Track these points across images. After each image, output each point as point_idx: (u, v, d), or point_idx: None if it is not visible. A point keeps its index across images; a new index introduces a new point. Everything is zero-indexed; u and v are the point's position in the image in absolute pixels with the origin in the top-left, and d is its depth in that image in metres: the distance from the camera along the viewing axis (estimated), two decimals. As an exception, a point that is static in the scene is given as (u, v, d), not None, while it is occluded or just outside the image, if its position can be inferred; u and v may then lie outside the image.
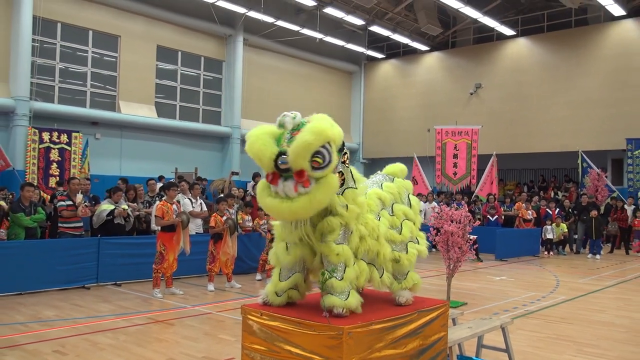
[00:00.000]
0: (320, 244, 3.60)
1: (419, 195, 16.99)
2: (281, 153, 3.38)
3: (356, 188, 3.73)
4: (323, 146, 3.36)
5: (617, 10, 20.45)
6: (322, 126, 3.39)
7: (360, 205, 3.72)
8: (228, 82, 22.63)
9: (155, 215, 8.71)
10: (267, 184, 3.50)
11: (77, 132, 16.40)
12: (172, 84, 21.24)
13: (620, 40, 21.44)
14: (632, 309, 8.24)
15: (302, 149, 3.31)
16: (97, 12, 18.75)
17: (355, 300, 3.57)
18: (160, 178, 15.75)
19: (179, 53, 21.36)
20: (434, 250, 13.82)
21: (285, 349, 3.47)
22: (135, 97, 19.76)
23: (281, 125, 3.55)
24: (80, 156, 16.16)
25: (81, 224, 9.60)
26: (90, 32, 18.78)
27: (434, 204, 15.85)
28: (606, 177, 19.83)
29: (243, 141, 23.57)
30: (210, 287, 9.15)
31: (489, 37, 24.83)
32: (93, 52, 18.90)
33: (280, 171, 3.39)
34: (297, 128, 3.48)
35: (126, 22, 19.51)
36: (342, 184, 3.60)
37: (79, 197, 9.47)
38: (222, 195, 11.88)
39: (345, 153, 3.69)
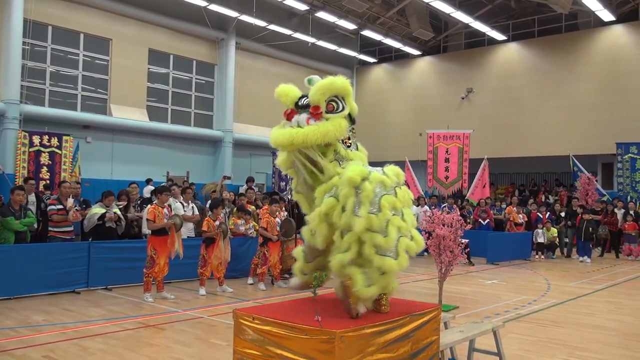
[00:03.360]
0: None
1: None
2: (303, 96, 3.97)
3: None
4: (339, 97, 3.92)
5: (607, 16, 20.65)
6: (344, 80, 3.97)
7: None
8: (220, 86, 22.61)
9: (147, 219, 8.67)
10: (281, 125, 3.94)
11: (68, 135, 16.31)
12: (164, 87, 21.19)
13: (610, 46, 21.64)
14: (623, 313, 8.29)
15: (325, 86, 3.85)
16: (89, 15, 18.69)
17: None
18: (148, 181, 15.68)
19: (171, 56, 21.32)
20: (425, 254, 13.84)
21: (277, 353, 3.47)
22: (127, 101, 19.69)
23: (309, 80, 4.08)
24: (70, 160, 16.06)
25: (71, 228, 9.53)
26: (82, 35, 18.72)
27: (426, 207, 15.88)
28: (596, 181, 19.97)
29: (235, 145, 23.77)
30: (202, 291, 9.11)
31: (480, 42, 24.98)
32: (84, 55, 18.83)
33: (298, 108, 3.91)
34: None
35: (118, 26, 19.46)
36: (349, 146, 4.04)
37: (70, 201, 9.41)
38: (215, 198, 11.84)
39: (353, 127, 4.21)
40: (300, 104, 3.91)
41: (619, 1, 21.13)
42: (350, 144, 4.09)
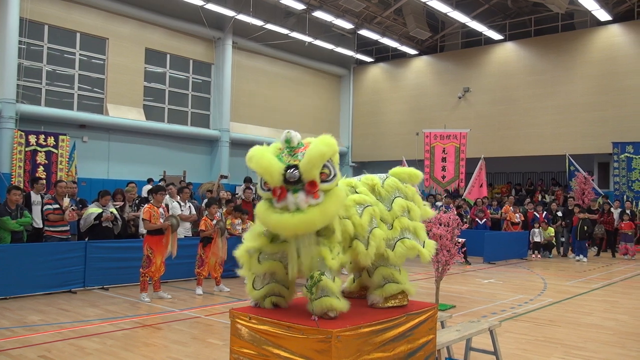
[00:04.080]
0: (311, 248, 3.57)
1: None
2: (289, 167, 3.47)
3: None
4: (329, 162, 3.53)
5: (603, 16, 20.70)
6: (331, 139, 3.57)
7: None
8: (217, 85, 22.59)
9: (143, 219, 8.66)
10: (269, 204, 3.55)
11: (64, 135, 16.27)
12: (160, 86, 21.16)
13: (607, 45, 21.69)
14: (619, 311, 8.31)
15: (317, 159, 3.45)
16: (85, 14, 18.64)
17: (346, 302, 3.63)
18: (149, 181, 15.67)
19: (168, 56, 21.28)
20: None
21: (274, 352, 3.47)
22: (124, 100, 19.65)
23: (288, 141, 3.63)
24: (67, 159, 16.02)
25: (68, 228, 9.51)
26: (78, 35, 18.67)
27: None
28: (593, 180, 20.01)
29: (232, 144, 23.72)
30: (199, 290, 9.10)
31: (477, 42, 25.01)
32: (81, 54, 18.78)
33: (289, 184, 3.45)
34: (298, 146, 3.61)
35: (114, 25, 19.42)
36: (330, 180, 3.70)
37: (66, 201, 9.39)
38: (211, 197, 11.83)
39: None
40: (289, 178, 3.46)
41: (615, 1, 21.18)
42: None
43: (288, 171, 3.46)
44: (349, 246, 3.78)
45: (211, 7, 20.15)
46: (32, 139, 15.49)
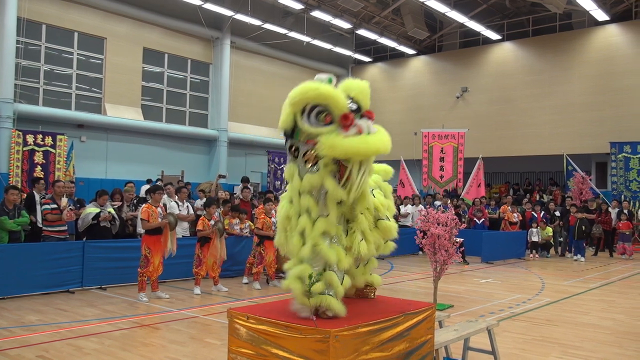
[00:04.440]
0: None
1: (405, 198, 17.05)
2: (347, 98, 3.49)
3: None
4: None
5: (601, 16, 20.74)
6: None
7: None
8: (215, 85, 22.58)
9: (141, 219, 8.66)
10: (336, 133, 3.39)
11: (62, 134, 16.23)
12: (158, 86, 21.15)
13: (604, 45, 21.73)
14: (616, 311, 8.33)
15: (366, 88, 3.57)
16: (83, 13, 18.63)
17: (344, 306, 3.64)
18: (149, 181, 15.67)
19: (166, 55, 21.27)
20: (420, 253, 13.88)
21: (272, 352, 3.47)
22: (122, 100, 19.64)
23: (330, 81, 3.58)
24: (65, 159, 15.99)
25: (65, 228, 9.50)
26: (76, 34, 18.65)
27: (421, 206, 15.91)
28: (590, 180, 20.04)
29: (230, 144, 23.69)
30: (197, 290, 9.10)
31: (474, 42, 25.04)
32: (78, 54, 18.76)
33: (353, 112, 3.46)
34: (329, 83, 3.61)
35: (112, 24, 19.40)
36: None
37: (64, 201, 9.38)
38: (209, 197, 11.83)
39: None
40: (350, 107, 3.46)
41: (613, 1, 21.22)
42: None
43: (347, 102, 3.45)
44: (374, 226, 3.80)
45: (209, 6, 20.14)
46: (30, 138, 15.46)
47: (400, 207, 16.15)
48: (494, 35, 23.69)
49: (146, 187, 14.32)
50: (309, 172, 3.51)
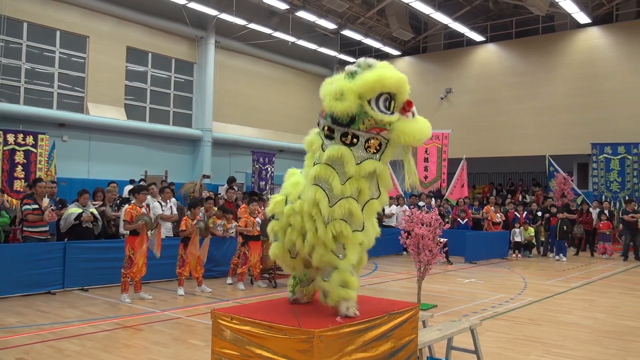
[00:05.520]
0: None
1: (390, 198, 17.08)
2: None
3: None
4: None
5: (583, 18, 20.99)
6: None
7: None
8: (199, 85, 22.46)
9: (124, 220, 8.58)
10: (403, 119, 3.54)
11: (44, 134, 15.97)
12: (142, 85, 20.98)
13: (586, 48, 22.01)
14: (597, 310, 8.44)
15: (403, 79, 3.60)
16: (65, 11, 18.41)
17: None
18: (132, 181, 15.53)
19: (149, 54, 21.11)
20: (404, 253, 13.93)
21: (256, 353, 3.45)
22: (104, 99, 19.45)
23: (370, 65, 3.65)
24: (46, 159, 15.77)
25: (47, 228, 9.38)
26: (58, 32, 18.43)
27: (405, 207, 15.97)
28: (572, 181, 20.28)
29: (214, 144, 23.54)
30: (180, 291, 9.04)
31: (459, 43, 25.20)
32: (60, 52, 18.55)
33: None
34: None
35: (95, 23, 19.21)
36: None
37: (45, 201, 9.25)
38: (194, 198, 11.77)
39: None
40: None
41: (595, 4, 21.50)
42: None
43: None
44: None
45: (193, 5, 20.02)
46: (11, 137, 15.20)
47: (384, 207, 16.17)
48: (477, 37, 23.87)
49: (129, 187, 14.20)
50: (371, 158, 3.60)
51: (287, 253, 3.93)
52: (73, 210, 9.49)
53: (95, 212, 9.80)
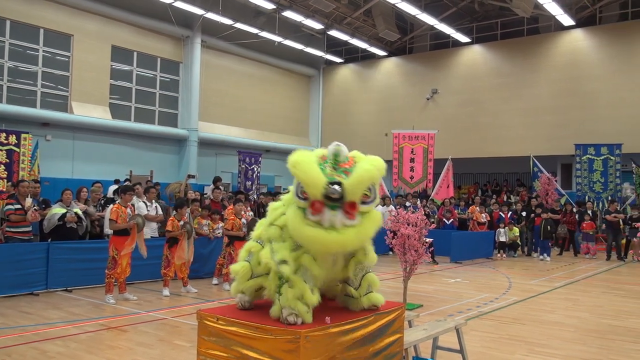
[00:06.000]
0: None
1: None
2: (332, 182, 3.32)
3: None
4: (372, 184, 3.47)
5: (567, 20, 21.21)
6: (381, 162, 3.50)
7: None
8: (185, 84, 22.35)
9: (110, 219, 8.50)
10: (302, 213, 3.40)
11: (27, 133, 15.76)
12: (127, 85, 20.82)
13: (570, 50, 22.25)
14: (580, 309, 8.53)
15: (366, 182, 3.36)
16: (49, 9, 18.22)
17: None
18: (116, 181, 15.42)
19: (135, 53, 20.96)
20: (390, 253, 13.96)
21: (242, 353, 3.45)
22: (89, 98, 19.27)
23: (336, 155, 3.50)
24: (29, 158, 15.58)
25: (30, 229, 9.27)
26: (42, 30, 18.23)
27: (392, 207, 16.02)
28: (556, 181, 20.48)
29: (200, 144, 23.44)
30: (166, 292, 8.98)
31: (445, 44, 25.34)
32: (44, 51, 18.35)
33: (328, 200, 3.32)
34: (343, 160, 3.50)
35: (80, 21, 19.03)
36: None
37: (28, 201, 9.14)
38: (180, 198, 11.71)
39: None
40: (330, 193, 3.29)
41: (579, 6, 21.73)
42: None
43: (331, 186, 3.29)
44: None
45: (179, 5, 19.91)
46: (-7, 137, 15.03)
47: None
48: (463, 38, 24.01)
49: (114, 187, 14.09)
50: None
51: (249, 273, 3.78)
52: (57, 210, 9.39)
53: (80, 212, 9.70)
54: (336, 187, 3.30)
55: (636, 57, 20.90)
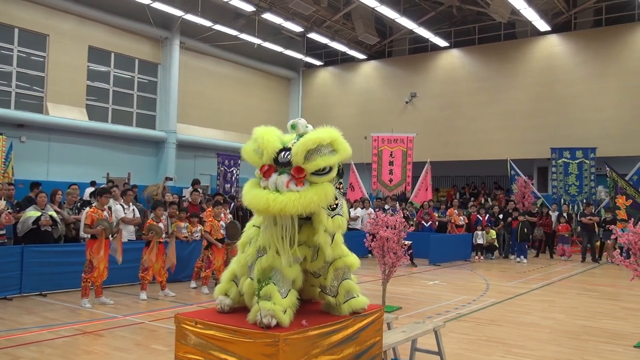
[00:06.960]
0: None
1: (355, 201, 17.17)
2: (285, 149, 3.43)
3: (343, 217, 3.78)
4: (329, 151, 3.43)
5: (543, 26, 21.55)
6: (334, 131, 3.49)
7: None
8: (163, 86, 22.16)
9: (85, 223, 8.37)
10: (257, 182, 3.49)
11: (1, 134, 15.53)
12: (104, 86, 20.58)
13: (546, 55, 22.61)
14: (556, 310, 8.65)
15: (309, 143, 3.36)
16: (24, 9, 17.92)
17: None
18: (92, 183, 15.20)
19: (112, 54, 20.72)
20: (369, 255, 14.01)
21: (220, 357, 3.42)
22: (65, 99, 19.00)
23: (293, 127, 3.63)
24: (3, 160, 15.31)
25: (3, 232, 9.10)
26: (16, 30, 17.93)
27: (371, 210, 16.07)
28: (532, 184, 20.77)
29: (179, 146, 23.24)
30: (143, 295, 8.87)
31: (423, 48, 25.55)
32: (19, 51, 18.04)
33: (278, 165, 3.40)
34: (303, 131, 3.61)
35: (56, 21, 18.76)
36: (334, 208, 3.65)
37: (2, 204, 8.99)
38: (157, 200, 11.58)
39: (341, 182, 3.76)
40: (280, 160, 3.39)
41: (554, 12, 22.09)
42: (336, 205, 3.68)
43: (281, 153, 3.41)
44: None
45: (158, 5, 19.74)
46: (-34, 138, 14.73)
47: (350, 210, 16.26)
48: (442, 42, 24.24)
49: (90, 189, 13.89)
50: None
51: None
52: (31, 213, 9.22)
53: (55, 215, 9.54)
54: (286, 153, 3.41)
55: (610, 63, 21.32)
